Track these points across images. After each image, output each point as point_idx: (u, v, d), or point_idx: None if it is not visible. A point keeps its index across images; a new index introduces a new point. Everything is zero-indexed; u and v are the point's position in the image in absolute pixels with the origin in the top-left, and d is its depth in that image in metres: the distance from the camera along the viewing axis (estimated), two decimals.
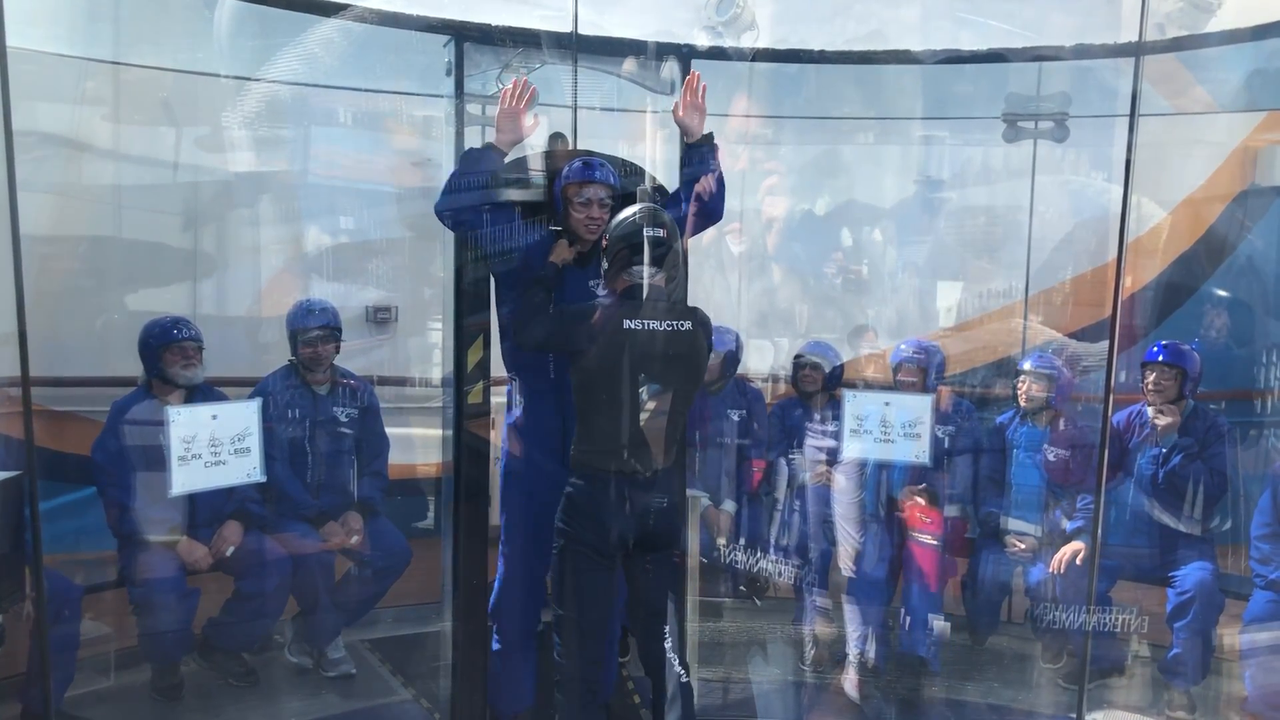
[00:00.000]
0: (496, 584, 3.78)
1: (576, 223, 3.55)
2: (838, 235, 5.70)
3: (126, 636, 4.14)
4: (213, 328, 4.56)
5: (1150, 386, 4.49)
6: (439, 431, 4.15)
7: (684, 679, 3.34)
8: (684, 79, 3.85)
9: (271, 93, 4.74)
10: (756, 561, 2.59)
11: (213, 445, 3.85)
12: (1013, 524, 4.59)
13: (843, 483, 3.07)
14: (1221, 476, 4.42)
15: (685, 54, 3.93)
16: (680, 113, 3.62)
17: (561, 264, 3.54)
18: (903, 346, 4.68)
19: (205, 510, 4.15)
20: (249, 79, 4.61)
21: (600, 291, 3.51)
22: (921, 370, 4.62)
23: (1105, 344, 3.82)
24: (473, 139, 3.82)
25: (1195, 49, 4.34)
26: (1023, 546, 4.55)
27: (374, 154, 5.47)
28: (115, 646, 4.19)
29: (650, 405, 3.08)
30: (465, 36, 3.77)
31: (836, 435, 2.71)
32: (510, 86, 3.43)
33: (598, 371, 3.13)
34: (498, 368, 3.99)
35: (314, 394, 4.49)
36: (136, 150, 4.92)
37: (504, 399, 5.29)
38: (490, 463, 3.99)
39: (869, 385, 4.21)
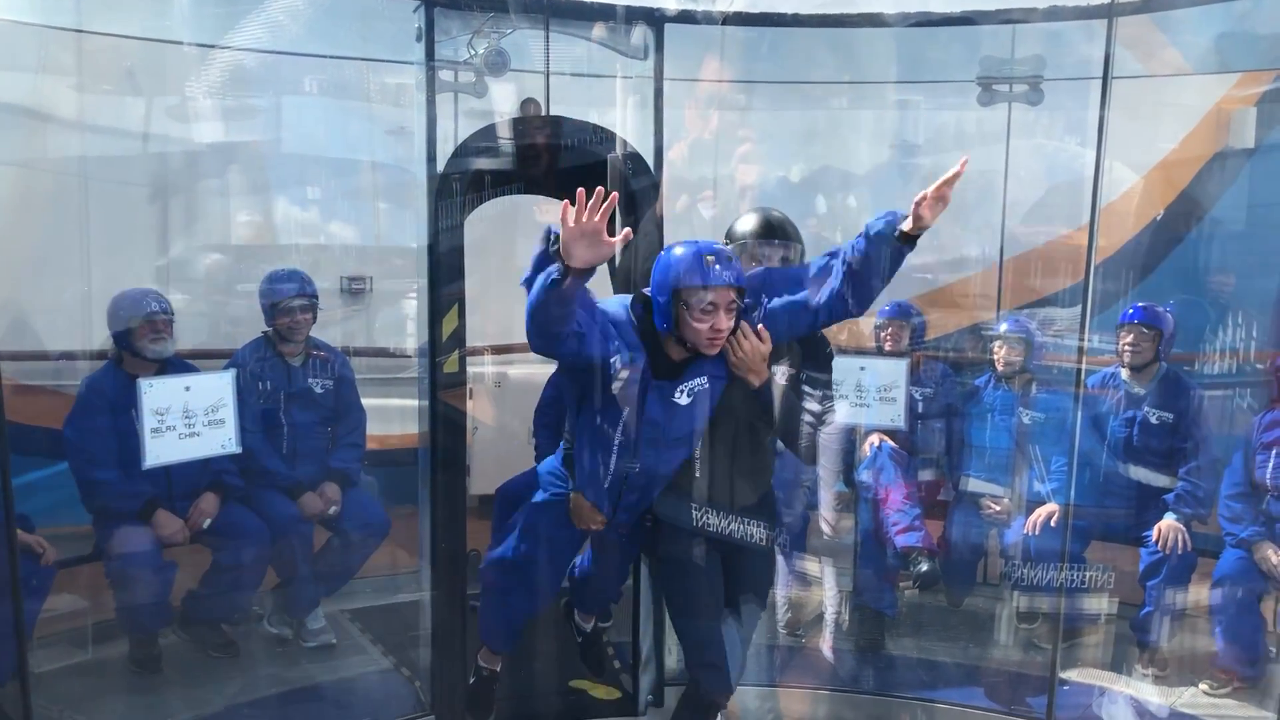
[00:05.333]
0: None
1: (693, 332, 2.94)
2: (813, 202, 5.69)
3: (104, 610, 4.13)
4: (183, 300, 4.52)
5: (1127, 348, 4.53)
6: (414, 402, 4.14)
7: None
8: (655, 42, 3.81)
9: (237, 61, 4.67)
10: (727, 525, 2.60)
11: (186, 417, 3.82)
12: (984, 486, 4.64)
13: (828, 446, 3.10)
14: (1194, 439, 4.47)
15: (656, 18, 3.89)
16: (927, 202, 2.89)
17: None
18: (885, 307, 4.71)
19: (181, 483, 4.13)
20: (213, 47, 4.54)
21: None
22: (905, 329, 4.67)
23: (1078, 308, 3.85)
24: (444, 106, 3.78)
25: (1167, 10, 4.33)
26: (998, 508, 4.59)
27: (345, 122, 5.40)
28: (93, 620, 4.19)
29: None
30: (435, 2, 3.72)
31: (822, 399, 2.73)
32: (579, 198, 2.61)
33: None
34: (473, 337, 3.98)
35: (288, 365, 4.47)
36: (102, 120, 4.84)
37: (482, 369, 5.30)
38: (466, 433, 3.99)
39: (842, 351, 4.22)
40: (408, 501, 4.14)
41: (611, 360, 2.95)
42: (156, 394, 3.72)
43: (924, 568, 4.29)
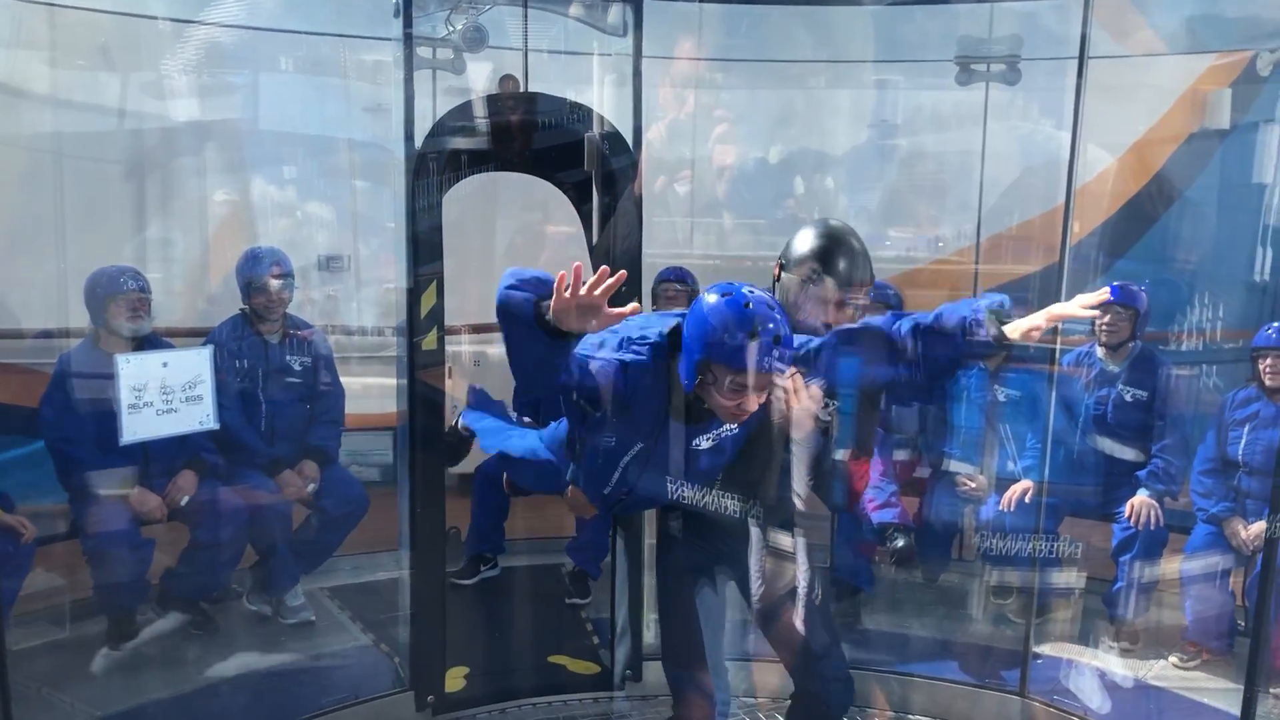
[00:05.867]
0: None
1: (716, 405, 2.57)
2: (790, 183, 5.70)
3: (81, 588, 4.13)
4: (160, 278, 4.49)
5: (1104, 327, 4.57)
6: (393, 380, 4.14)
7: None
8: (634, 20, 3.80)
9: (213, 37, 4.63)
10: (702, 497, 2.61)
11: (164, 393, 3.81)
12: (958, 465, 4.68)
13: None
14: (1167, 416, 4.52)
15: None
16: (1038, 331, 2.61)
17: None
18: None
19: (159, 461, 4.12)
20: (189, 22, 4.50)
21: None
22: (884, 307, 4.69)
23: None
24: (421, 84, 3.76)
25: None
26: (973, 485, 4.64)
27: (322, 100, 5.37)
28: (70, 598, 4.18)
29: None
30: None
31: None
32: (576, 274, 2.30)
33: None
34: (452, 315, 3.98)
35: (265, 343, 4.46)
36: (77, 97, 4.80)
37: (460, 348, 5.30)
38: (446, 411, 4.00)
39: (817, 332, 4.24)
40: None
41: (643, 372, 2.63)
42: (134, 370, 3.72)
43: (900, 543, 4.34)
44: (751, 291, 2.50)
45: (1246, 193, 5.24)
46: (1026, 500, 4.39)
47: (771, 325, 2.44)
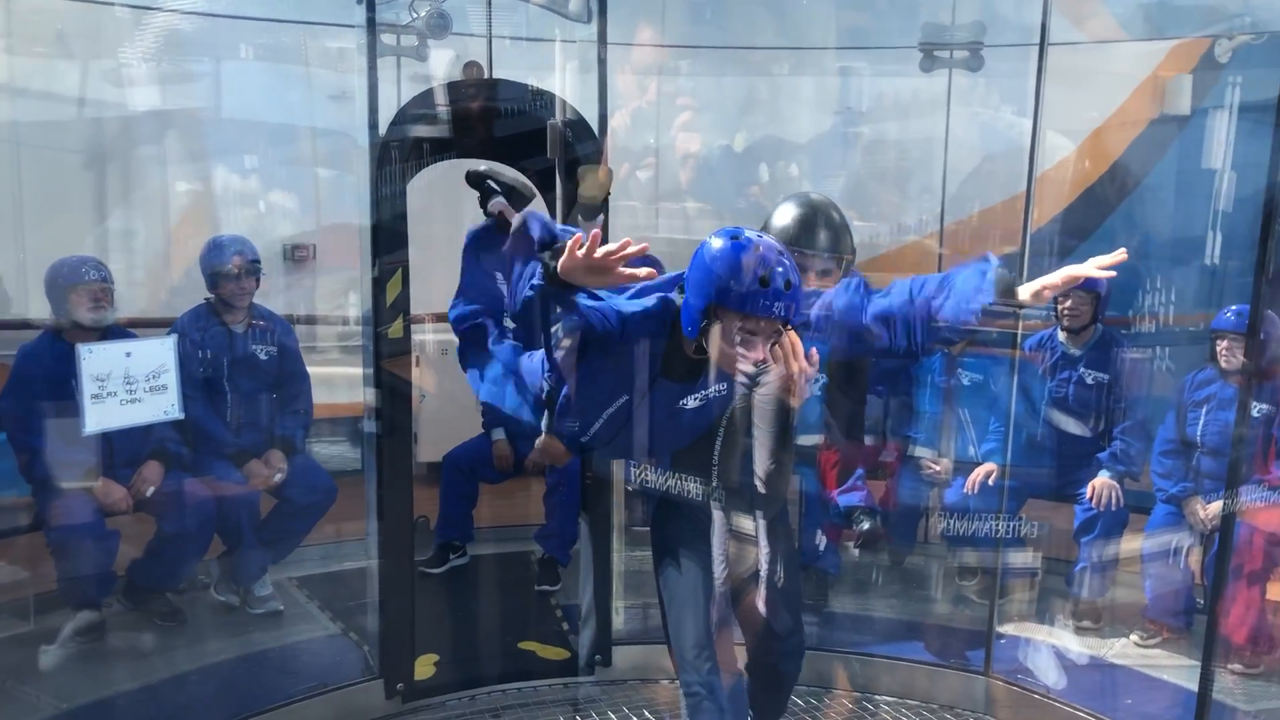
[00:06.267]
0: None
1: (721, 355, 2.50)
2: (755, 170, 5.72)
3: (46, 581, 4.10)
4: (122, 268, 4.46)
5: (1066, 311, 4.63)
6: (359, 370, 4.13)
7: None
8: (599, 6, 3.80)
9: (172, 25, 4.59)
10: (665, 481, 2.62)
11: (127, 383, 3.78)
12: (921, 450, 4.74)
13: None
14: (1127, 399, 4.59)
15: None
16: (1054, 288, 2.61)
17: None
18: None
19: (124, 451, 4.09)
20: (147, 9, 4.45)
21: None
22: None
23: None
24: (385, 71, 3.75)
25: None
26: (938, 468, 4.69)
27: (285, 88, 5.33)
28: (35, 591, 4.15)
29: None
30: None
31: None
32: (594, 240, 2.27)
33: None
34: (418, 304, 3.97)
35: (230, 333, 4.43)
36: (34, 85, 4.74)
37: (426, 337, 5.29)
38: (412, 401, 3.99)
39: None
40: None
41: (554, 329, 2.63)
42: (96, 360, 3.68)
43: (865, 526, 4.38)
44: (760, 237, 2.44)
45: (1200, 178, 5.32)
46: (990, 483, 4.44)
47: (781, 270, 2.37)
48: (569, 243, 2.28)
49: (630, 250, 2.27)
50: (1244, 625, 3.97)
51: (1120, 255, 2.60)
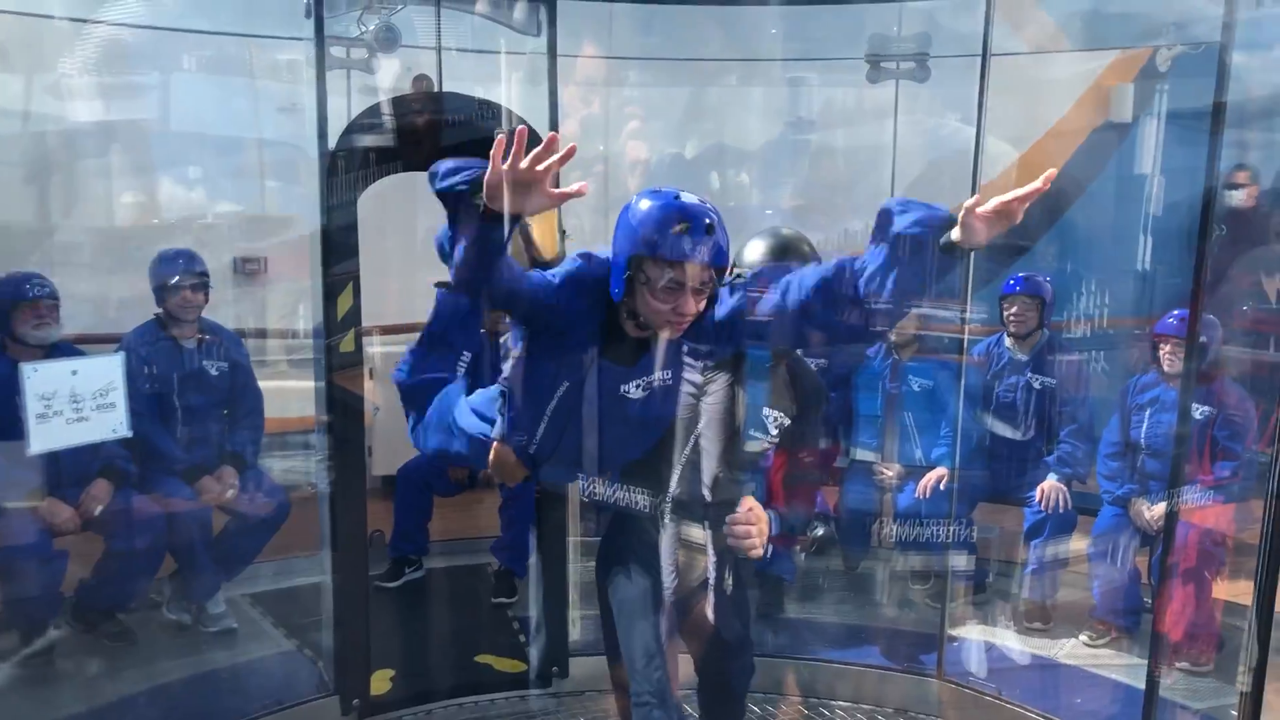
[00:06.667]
0: None
1: (650, 310, 2.42)
2: (706, 178, 5.76)
3: None
4: (69, 283, 4.40)
5: (1012, 317, 4.71)
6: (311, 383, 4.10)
7: None
8: (548, 18, 3.81)
9: (116, 37, 4.54)
10: (615, 493, 2.63)
11: (74, 401, 3.72)
12: (869, 454, 4.79)
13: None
14: (1073, 403, 4.67)
15: None
16: (985, 213, 2.20)
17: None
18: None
19: (71, 470, 4.04)
20: (87, 21, 4.40)
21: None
22: None
23: None
24: (335, 84, 3.74)
25: None
26: (890, 474, 4.74)
27: (233, 100, 5.29)
28: None
29: None
30: None
31: (703, 370, 2.73)
32: (519, 138, 2.07)
33: None
34: (370, 317, 3.95)
35: (180, 348, 4.39)
36: None
37: (377, 349, 5.26)
38: (365, 414, 3.97)
39: None
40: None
41: (502, 340, 2.59)
42: (41, 379, 3.62)
43: (819, 532, 4.41)
44: (680, 191, 2.41)
45: (1133, 184, 5.44)
46: (941, 487, 4.50)
47: (704, 217, 2.34)
48: (494, 150, 2.08)
49: (556, 157, 2.07)
50: (1180, 623, 4.05)
51: (1047, 178, 2.26)
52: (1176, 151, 5.34)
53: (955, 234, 2.22)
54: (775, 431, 2.67)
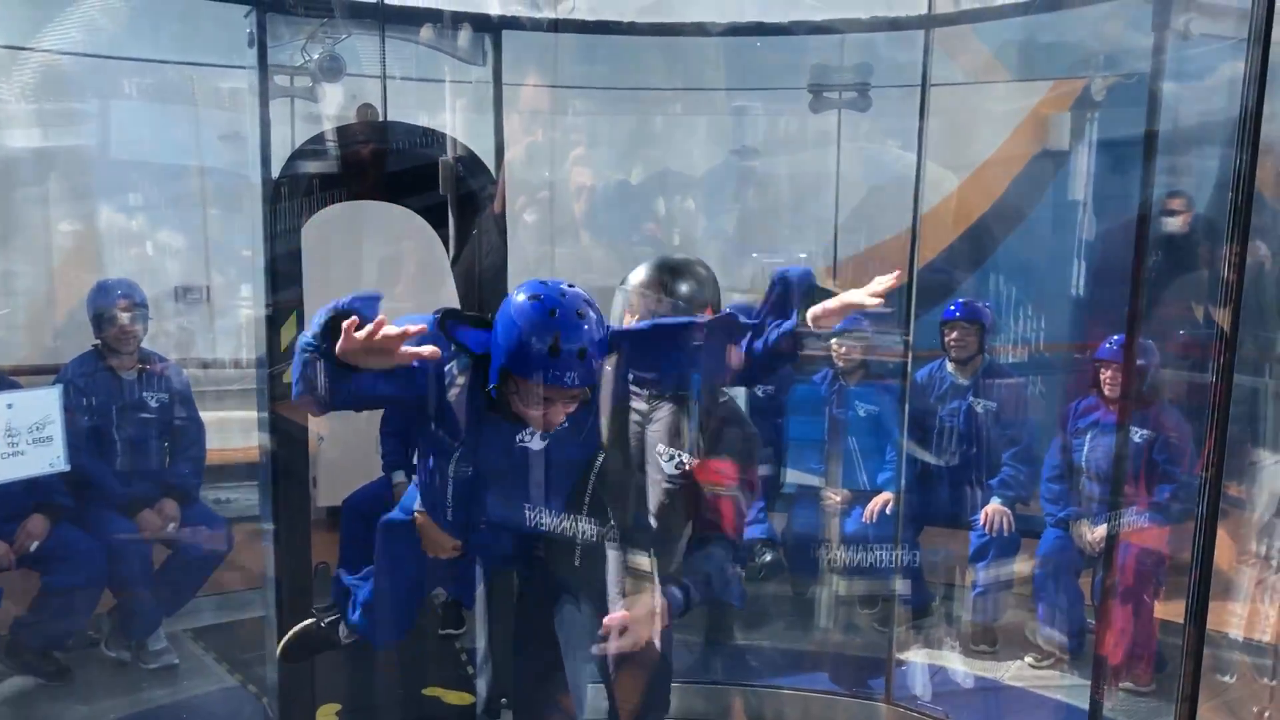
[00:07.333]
0: None
1: (524, 414, 2.43)
2: (652, 205, 5.80)
3: None
4: (3, 313, 4.33)
5: (952, 343, 4.78)
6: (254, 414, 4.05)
7: None
8: (493, 47, 3.82)
9: (53, 64, 4.48)
10: (560, 523, 2.61)
11: (9, 435, 3.67)
12: (815, 479, 4.82)
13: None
14: (1015, 426, 4.74)
15: (486, 23, 3.92)
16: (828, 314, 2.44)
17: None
18: (727, 310, 4.82)
19: (5, 505, 3.95)
20: (22, 49, 4.34)
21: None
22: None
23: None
24: (279, 111, 3.72)
25: (980, 21, 4.56)
26: (837, 499, 4.77)
27: (173, 128, 5.24)
28: None
29: None
30: (266, 6, 3.66)
31: (649, 399, 2.73)
32: (374, 326, 2.19)
33: None
34: None
35: (119, 379, 4.32)
36: None
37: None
38: (309, 444, 3.93)
39: None
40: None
41: (448, 367, 2.50)
42: None
43: (768, 558, 4.43)
44: (563, 295, 2.33)
45: (1070, 211, 5.55)
46: (887, 512, 4.54)
47: (576, 337, 2.28)
48: (345, 325, 2.18)
49: (412, 330, 2.19)
50: (1121, 644, 4.10)
51: (893, 279, 2.49)
52: (1112, 179, 5.45)
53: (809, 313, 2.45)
54: (675, 471, 2.57)
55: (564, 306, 2.30)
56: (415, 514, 2.81)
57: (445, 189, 3.78)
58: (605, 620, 2.50)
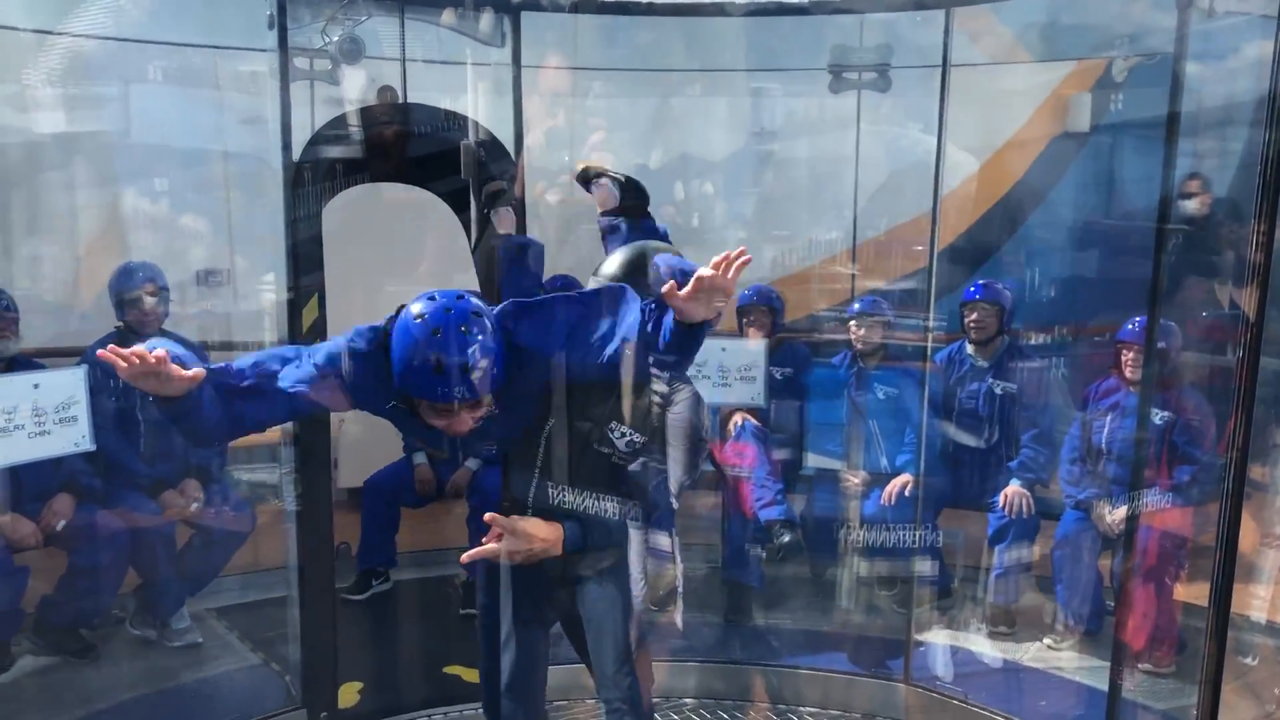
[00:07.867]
0: None
1: (430, 423, 2.43)
2: (671, 189, 5.79)
3: None
4: (28, 296, 4.36)
5: (972, 324, 4.76)
6: None
7: None
8: (512, 29, 3.83)
9: (79, 48, 4.50)
10: (582, 502, 2.63)
11: (36, 415, 3.69)
12: (833, 462, 4.83)
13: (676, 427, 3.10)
14: (1035, 408, 4.73)
15: (509, 5, 3.92)
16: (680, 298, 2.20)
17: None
18: (746, 292, 4.84)
19: (32, 485, 3.99)
20: (50, 33, 4.36)
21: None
22: (770, 312, 4.81)
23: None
24: (299, 94, 3.73)
25: (1004, 1, 4.53)
26: (856, 481, 4.78)
27: (196, 111, 5.26)
28: None
29: None
30: None
31: (669, 381, 2.74)
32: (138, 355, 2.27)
33: None
34: (335, 329, 3.93)
35: None
36: None
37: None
38: (331, 426, 3.96)
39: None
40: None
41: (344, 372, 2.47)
42: (2, 392, 3.60)
43: (786, 539, 4.44)
44: (448, 311, 2.28)
45: (1091, 192, 5.52)
46: (906, 494, 4.54)
47: (460, 353, 2.24)
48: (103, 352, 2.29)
49: (160, 353, 2.26)
50: (1141, 625, 4.10)
51: (738, 256, 2.23)
52: (1134, 160, 5.42)
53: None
54: (625, 449, 2.55)
55: (448, 323, 2.26)
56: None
57: (466, 173, 3.80)
58: (486, 517, 2.50)
